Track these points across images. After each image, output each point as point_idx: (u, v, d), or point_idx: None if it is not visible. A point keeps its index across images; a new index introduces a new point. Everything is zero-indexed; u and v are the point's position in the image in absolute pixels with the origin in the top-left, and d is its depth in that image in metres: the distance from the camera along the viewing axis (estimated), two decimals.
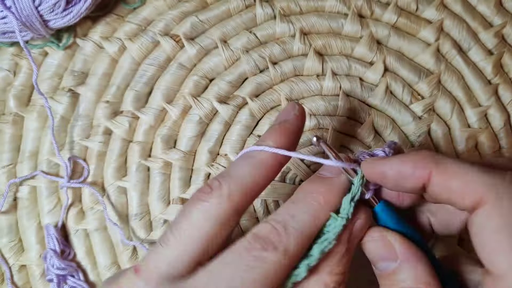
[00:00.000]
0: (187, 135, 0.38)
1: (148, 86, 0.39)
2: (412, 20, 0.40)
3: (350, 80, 0.39)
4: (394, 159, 0.24)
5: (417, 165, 0.23)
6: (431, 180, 0.23)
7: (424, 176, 0.23)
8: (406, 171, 0.24)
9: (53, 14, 0.36)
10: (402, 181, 0.24)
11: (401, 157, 0.24)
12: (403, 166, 0.24)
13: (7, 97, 0.39)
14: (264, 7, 0.39)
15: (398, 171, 0.24)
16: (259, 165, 0.25)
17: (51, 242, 0.37)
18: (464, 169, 0.22)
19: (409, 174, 0.23)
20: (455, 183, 0.22)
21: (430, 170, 0.23)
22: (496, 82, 0.40)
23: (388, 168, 0.24)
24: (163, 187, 0.38)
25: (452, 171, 0.23)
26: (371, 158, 0.26)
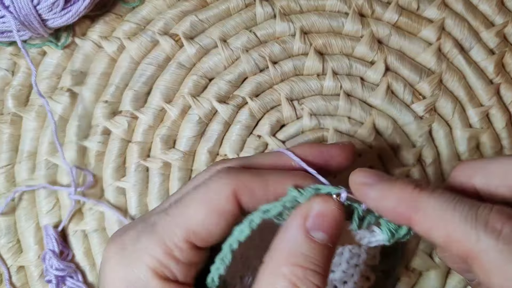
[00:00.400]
0: (187, 135, 0.38)
1: (147, 85, 0.39)
2: (413, 19, 0.39)
3: (350, 80, 0.38)
4: (377, 188, 0.23)
5: (396, 207, 0.22)
6: (411, 224, 0.22)
7: (404, 219, 0.22)
8: (385, 207, 0.23)
9: (51, 13, 0.36)
10: (382, 212, 0.23)
11: (385, 187, 0.23)
12: (384, 200, 0.23)
13: (5, 97, 0.39)
14: (264, 6, 0.39)
15: (378, 204, 0.23)
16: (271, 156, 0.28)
17: (50, 242, 0.37)
18: (446, 219, 0.21)
19: (388, 211, 0.23)
20: (437, 234, 0.21)
21: (409, 216, 0.22)
22: (497, 81, 0.40)
23: (370, 196, 0.23)
24: (162, 188, 0.38)
25: (433, 221, 0.21)
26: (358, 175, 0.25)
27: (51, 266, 0.36)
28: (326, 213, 0.24)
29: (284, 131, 0.38)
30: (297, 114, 0.38)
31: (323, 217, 0.24)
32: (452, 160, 0.39)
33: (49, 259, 0.36)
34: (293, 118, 0.38)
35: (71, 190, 0.37)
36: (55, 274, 0.36)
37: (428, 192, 0.22)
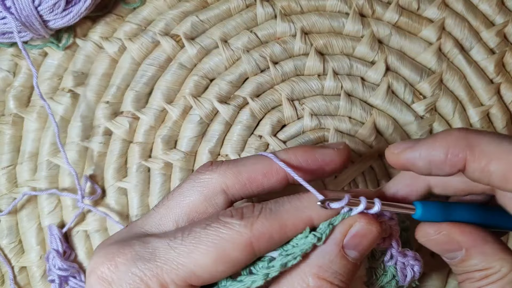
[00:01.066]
0: (188, 135, 0.38)
1: (148, 86, 0.39)
2: (413, 19, 0.40)
3: (351, 80, 0.38)
4: (422, 144, 0.22)
5: (449, 151, 0.21)
6: (467, 166, 0.21)
7: (459, 163, 0.21)
8: (437, 159, 0.22)
9: (52, 14, 0.36)
10: (435, 169, 0.22)
11: (430, 141, 0.22)
12: (433, 153, 0.22)
13: (7, 98, 0.39)
14: (265, 7, 0.39)
15: (428, 160, 0.22)
16: (261, 164, 0.26)
17: (54, 242, 0.37)
18: (504, 149, 0.20)
19: (441, 162, 0.22)
20: (495, 167, 0.20)
21: (465, 156, 0.21)
22: (498, 81, 0.40)
23: (417, 157, 0.22)
24: (164, 188, 0.38)
25: (490, 154, 0.20)
26: (395, 145, 0.24)
27: (54, 266, 0.36)
28: (367, 234, 0.24)
29: (285, 131, 0.38)
30: (298, 114, 0.38)
31: (362, 238, 0.24)
32: None
33: (53, 259, 0.36)
34: (294, 118, 0.38)
35: (79, 198, 0.37)
36: (58, 274, 0.36)
37: (476, 131, 0.21)
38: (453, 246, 0.24)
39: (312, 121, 0.38)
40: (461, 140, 0.21)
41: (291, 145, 0.38)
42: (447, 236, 0.24)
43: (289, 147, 0.28)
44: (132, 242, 0.24)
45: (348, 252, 0.23)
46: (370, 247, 0.24)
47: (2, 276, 0.38)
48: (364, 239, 0.24)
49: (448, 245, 0.24)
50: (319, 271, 0.23)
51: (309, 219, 0.24)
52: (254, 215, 0.24)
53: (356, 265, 0.24)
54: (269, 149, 0.38)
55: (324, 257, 0.23)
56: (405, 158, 0.23)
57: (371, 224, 0.24)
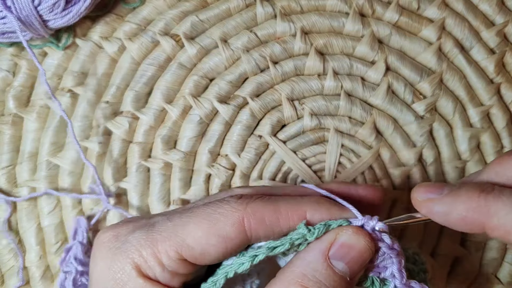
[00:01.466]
0: (188, 135, 0.38)
1: (148, 86, 0.39)
2: (413, 19, 0.39)
3: (351, 80, 0.38)
4: (443, 203, 0.23)
5: (467, 216, 0.22)
6: (486, 231, 0.21)
7: (476, 228, 0.22)
8: (455, 219, 0.22)
9: (52, 14, 0.36)
10: (453, 226, 0.23)
11: (451, 200, 0.22)
12: (453, 213, 0.22)
13: (6, 98, 0.39)
14: (265, 6, 0.39)
15: (447, 217, 0.22)
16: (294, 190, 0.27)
17: (81, 234, 0.37)
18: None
19: (460, 222, 0.22)
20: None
21: (483, 222, 0.21)
22: (498, 81, 0.40)
23: (435, 211, 0.23)
24: (164, 188, 0.38)
25: (508, 224, 0.21)
26: (420, 189, 0.24)
27: (75, 258, 0.36)
28: (354, 245, 0.23)
29: (285, 131, 0.38)
30: (298, 114, 0.38)
31: (349, 248, 0.23)
32: (453, 159, 0.39)
33: (75, 251, 0.36)
34: (294, 118, 0.38)
35: (104, 198, 0.37)
36: (77, 267, 0.35)
37: (496, 195, 0.21)
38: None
39: (312, 121, 0.38)
40: (480, 208, 0.21)
41: (291, 145, 0.38)
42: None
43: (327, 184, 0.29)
44: (137, 218, 0.26)
45: (334, 262, 0.23)
46: (360, 260, 0.23)
47: (2, 276, 0.38)
48: (352, 251, 0.23)
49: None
50: (303, 279, 0.22)
51: (303, 213, 0.24)
52: (252, 198, 0.25)
53: (345, 280, 0.23)
54: (269, 149, 0.38)
55: (308, 265, 0.23)
56: (426, 209, 0.23)
57: (358, 235, 0.23)
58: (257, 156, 0.38)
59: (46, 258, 0.38)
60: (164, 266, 0.24)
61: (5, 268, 0.38)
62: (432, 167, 0.38)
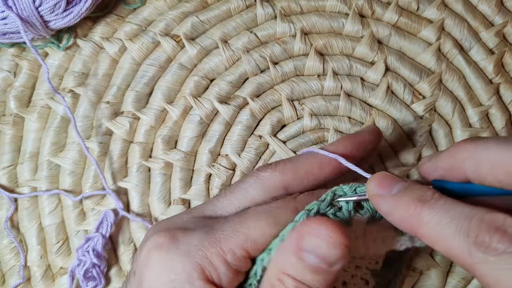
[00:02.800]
0: (188, 135, 0.38)
1: (148, 86, 0.39)
2: (413, 20, 0.40)
3: (351, 80, 0.39)
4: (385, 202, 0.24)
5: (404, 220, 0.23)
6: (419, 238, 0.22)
7: (413, 233, 0.22)
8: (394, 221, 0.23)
9: (53, 14, 0.36)
10: (394, 223, 0.24)
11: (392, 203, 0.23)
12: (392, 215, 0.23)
13: (8, 98, 0.39)
14: (265, 7, 0.39)
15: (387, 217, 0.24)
16: (314, 158, 0.29)
17: (105, 228, 0.37)
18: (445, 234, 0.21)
19: (399, 226, 0.23)
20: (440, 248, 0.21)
21: (415, 231, 0.22)
22: (497, 81, 0.40)
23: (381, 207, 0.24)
24: (164, 188, 0.38)
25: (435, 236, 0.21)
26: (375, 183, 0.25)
27: (93, 250, 0.36)
28: (318, 235, 0.22)
29: (285, 131, 0.39)
30: (298, 114, 0.38)
31: (315, 239, 0.22)
32: None
33: (95, 242, 0.36)
34: (294, 118, 0.39)
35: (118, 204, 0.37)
36: (92, 259, 0.36)
37: (430, 205, 0.22)
38: None
39: (312, 121, 0.38)
40: (415, 217, 0.22)
41: (291, 145, 0.38)
42: None
43: (336, 141, 0.31)
44: (183, 220, 0.27)
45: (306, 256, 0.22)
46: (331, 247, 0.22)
47: (3, 276, 0.38)
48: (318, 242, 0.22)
49: None
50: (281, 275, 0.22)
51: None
52: (297, 194, 0.28)
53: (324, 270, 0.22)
54: (269, 149, 0.38)
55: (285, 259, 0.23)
56: (373, 201, 0.25)
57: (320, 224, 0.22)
58: (257, 156, 0.38)
59: (47, 257, 0.38)
60: (230, 265, 0.24)
61: (6, 268, 0.38)
62: None
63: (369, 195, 0.25)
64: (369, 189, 0.25)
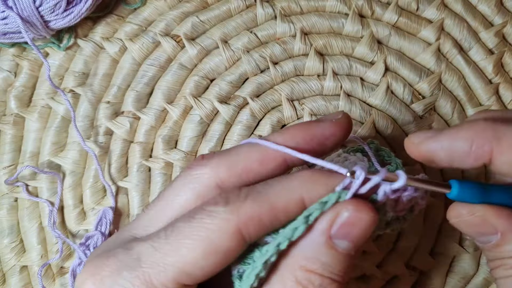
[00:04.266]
0: (188, 135, 0.38)
1: (149, 86, 0.39)
2: (412, 20, 0.40)
3: (351, 80, 0.39)
4: (444, 134, 0.21)
5: (474, 142, 0.20)
6: (494, 159, 0.20)
7: (485, 156, 0.20)
8: (461, 150, 0.20)
9: (53, 14, 0.36)
10: (458, 162, 0.21)
11: (453, 131, 0.20)
12: (457, 143, 0.20)
13: (8, 98, 0.39)
14: (265, 7, 0.39)
15: (450, 151, 0.20)
16: (256, 151, 0.23)
17: (104, 225, 0.37)
18: None
19: (465, 153, 0.20)
20: None
21: (491, 148, 0.19)
22: (497, 81, 0.40)
23: (439, 148, 0.20)
24: (165, 188, 0.38)
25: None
26: (415, 134, 0.22)
27: (94, 248, 0.36)
28: (356, 222, 0.21)
29: None
30: (298, 114, 0.39)
31: (351, 226, 0.21)
32: None
33: (95, 240, 0.36)
34: (293, 118, 0.39)
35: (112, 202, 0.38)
36: None
37: (502, 120, 0.20)
38: (487, 229, 0.22)
39: None
40: (488, 131, 0.20)
41: None
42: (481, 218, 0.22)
43: (283, 128, 0.25)
44: (116, 251, 0.22)
45: (337, 242, 0.21)
46: (364, 235, 0.21)
47: (3, 275, 0.38)
48: (355, 228, 0.21)
49: (482, 228, 0.22)
50: (306, 263, 0.21)
51: (301, 199, 0.22)
52: (240, 199, 0.21)
53: (350, 256, 0.21)
54: None
55: (311, 248, 0.21)
56: (426, 148, 0.21)
57: (360, 212, 0.21)
58: None
59: (47, 257, 0.38)
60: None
61: (6, 268, 0.38)
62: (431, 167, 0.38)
63: (415, 146, 0.22)
64: (411, 141, 0.22)
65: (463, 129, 0.20)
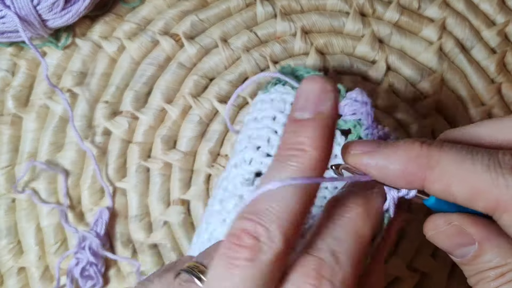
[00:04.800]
0: (187, 135, 0.38)
1: (147, 86, 0.39)
2: (414, 19, 0.39)
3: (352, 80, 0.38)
4: (379, 153, 0.20)
5: (406, 167, 0.19)
6: (428, 186, 0.20)
7: (416, 182, 0.20)
8: (393, 172, 0.20)
9: (51, 13, 0.36)
10: (390, 182, 0.20)
11: (389, 152, 0.20)
12: (390, 165, 0.20)
13: (6, 98, 0.39)
14: (265, 6, 0.39)
15: (383, 171, 0.20)
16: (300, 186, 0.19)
17: (100, 226, 0.36)
18: (465, 169, 0.19)
19: (397, 176, 0.20)
20: (459, 189, 0.19)
21: (423, 176, 0.19)
22: (499, 81, 0.40)
23: (372, 164, 0.20)
24: (163, 188, 0.38)
25: (450, 176, 0.19)
26: (354, 144, 0.21)
27: (89, 248, 0.36)
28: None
29: None
30: None
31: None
32: None
33: (91, 241, 0.36)
34: None
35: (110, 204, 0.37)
36: (89, 257, 0.35)
37: (438, 147, 0.19)
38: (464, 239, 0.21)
39: None
40: (421, 158, 0.19)
41: None
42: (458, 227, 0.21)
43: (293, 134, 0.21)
44: None
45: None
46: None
47: (1, 276, 0.38)
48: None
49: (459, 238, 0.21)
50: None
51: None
52: None
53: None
54: None
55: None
56: (359, 162, 0.21)
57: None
58: None
59: (45, 258, 0.38)
60: None
61: (4, 269, 0.38)
62: None
63: (351, 156, 0.21)
64: (348, 151, 0.21)
65: (399, 151, 0.20)
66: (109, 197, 0.37)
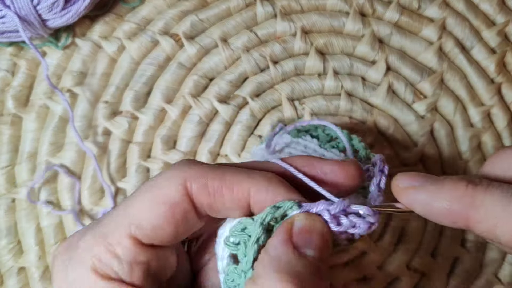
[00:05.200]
0: (187, 135, 0.38)
1: (147, 86, 0.39)
2: (414, 19, 0.39)
3: (351, 79, 0.38)
4: (426, 189, 0.21)
5: (452, 207, 0.20)
6: (472, 225, 0.20)
7: (460, 222, 0.20)
8: (438, 210, 0.20)
9: (51, 13, 0.36)
10: (434, 218, 0.21)
11: (435, 189, 0.21)
12: (435, 202, 0.20)
13: (6, 98, 0.39)
14: (265, 6, 0.39)
15: (428, 207, 0.21)
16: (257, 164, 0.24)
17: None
18: (510, 211, 0.19)
19: (441, 214, 0.20)
20: (501, 231, 0.19)
21: (467, 215, 0.20)
22: (499, 81, 0.40)
23: (418, 199, 0.21)
24: None
25: (495, 217, 0.19)
26: (402, 177, 0.22)
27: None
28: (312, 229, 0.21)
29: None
30: (298, 114, 0.38)
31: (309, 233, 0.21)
32: (454, 159, 0.39)
33: None
34: (294, 118, 0.38)
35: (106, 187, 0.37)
36: None
37: (484, 187, 0.20)
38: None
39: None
40: (466, 198, 0.20)
41: None
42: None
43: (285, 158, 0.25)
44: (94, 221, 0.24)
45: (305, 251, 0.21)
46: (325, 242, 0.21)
47: (1, 276, 0.38)
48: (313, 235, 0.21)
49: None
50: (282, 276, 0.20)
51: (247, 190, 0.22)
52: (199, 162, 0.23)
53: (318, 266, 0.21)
54: None
55: (281, 260, 0.21)
56: (406, 196, 0.22)
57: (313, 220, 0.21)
58: None
59: (45, 258, 0.38)
60: (121, 258, 0.22)
61: (4, 269, 0.38)
62: (433, 167, 0.38)
63: (399, 190, 0.22)
64: (397, 184, 0.22)
65: (444, 189, 0.21)
66: (110, 197, 0.37)
